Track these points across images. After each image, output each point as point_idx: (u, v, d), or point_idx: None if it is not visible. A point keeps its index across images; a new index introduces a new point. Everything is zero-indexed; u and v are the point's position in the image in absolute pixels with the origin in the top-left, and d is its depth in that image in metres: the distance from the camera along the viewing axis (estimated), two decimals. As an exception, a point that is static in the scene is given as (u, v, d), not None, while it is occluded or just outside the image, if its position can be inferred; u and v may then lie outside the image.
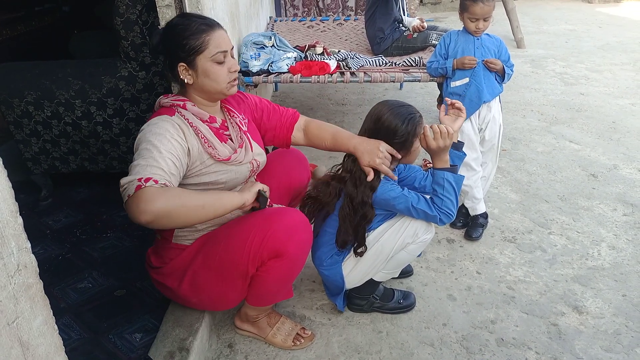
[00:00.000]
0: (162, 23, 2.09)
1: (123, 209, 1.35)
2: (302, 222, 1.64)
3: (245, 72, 2.90)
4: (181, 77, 1.57)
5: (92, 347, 1.76)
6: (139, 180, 1.33)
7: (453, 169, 1.72)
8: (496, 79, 2.43)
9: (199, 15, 1.65)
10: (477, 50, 2.39)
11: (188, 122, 1.56)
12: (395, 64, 3.13)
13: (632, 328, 1.90)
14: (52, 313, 0.90)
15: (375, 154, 1.69)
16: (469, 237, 2.43)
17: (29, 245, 0.85)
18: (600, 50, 5.60)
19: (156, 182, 1.35)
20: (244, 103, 1.85)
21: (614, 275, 2.18)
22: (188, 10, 2.05)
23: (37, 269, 0.88)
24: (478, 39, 2.39)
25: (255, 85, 2.95)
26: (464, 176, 1.76)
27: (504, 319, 1.96)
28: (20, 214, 0.84)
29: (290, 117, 1.91)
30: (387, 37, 3.52)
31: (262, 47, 3.03)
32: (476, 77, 2.40)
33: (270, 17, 4.72)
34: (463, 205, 2.52)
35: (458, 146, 1.84)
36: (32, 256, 0.86)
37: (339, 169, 1.82)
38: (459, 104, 1.83)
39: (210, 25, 1.57)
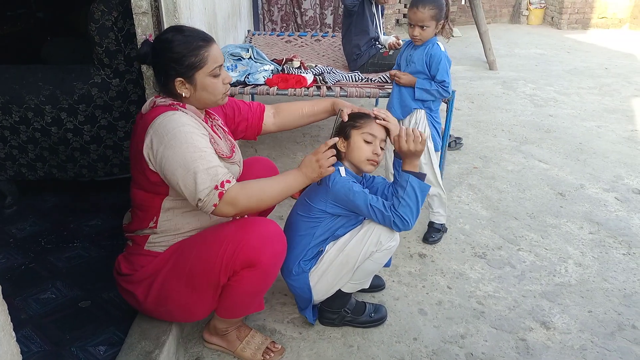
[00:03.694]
0: (139, 30, 2.07)
1: (91, 218, 1.33)
2: (276, 233, 1.63)
3: (222, 83, 2.89)
4: (178, 91, 1.56)
5: None
6: (216, 188, 1.46)
7: (420, 175, 1.72)
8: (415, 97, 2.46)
9: (193, 28, 1.63)
10: (408, 66, 2.46)
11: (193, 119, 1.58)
12: (371, 80, 3.17)
13: (598, 344, 1.93)
14: (9, 319, 0.86)
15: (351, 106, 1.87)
16: None
17: (-14, 247, 0.81)
18: (568, 74, 5.79)
19: (229, 181, 1.49)
20: None
21: (580, 292, 2.22)
22: (165, 18, 2.04)
23: (-4, 273, 0.84)
24: (409, 53, 2.44)
25: (232, 96, 2.94)
26: (429, 186, 1.77)
27: (473, 333, 1.97)
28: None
29: (258, 106, 1.98)
30: (363, 53, 3.57)
31: (240, 59, 3.03)
32: (393, 92, 2.45)
33: (248, 31, 4.73)
34: None
35: (421, 177, 1.78)
36: (-10, 259, 0.83)
37: None
38: (384, 113, 1.82)
39: (207, 40, 1.58)
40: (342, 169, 1.78)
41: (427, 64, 2.39)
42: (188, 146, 1.47)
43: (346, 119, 1.79)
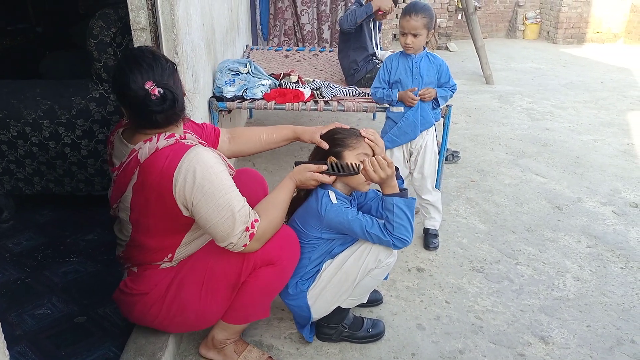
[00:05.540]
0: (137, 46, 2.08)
1: (88, 233, 1.32)
2: (294, 236, 1.72)
3: (219, 98, 2.90)
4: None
5: (47, 376, 1.68)
6: (247, 229, 1.49)
7: (403, 193, 1.71)
8: (434, 107, 2.50)
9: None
10: (415, 80, 2.46)
11: None
12: (368, 94, 3.19)
13: (597, 359, 1.92)
14: (3, 337, 0.86)
15: (315, 129, 1.86)
16: None
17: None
18: (564, 88, 5.83)
19: (257, 220, 1.53)
20: None
21: (578, 306, 2.21)
22: (163, 35, 2.05)
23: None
24: (415, 66, 2.44)
25: (229, 111, 2.95)
26: (414, 199, 1.76)
27: (472, 349, 1.96)
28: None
29: (213, 129, 1.95)
30: (360, 68, 3.59)
31: (237, 74, 3.04)
32: (414, 112, 2.46)
33: (246, 46, 4.76)
34: None
35: (396, 175, 1.76)
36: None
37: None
38: (372, 135, 1.79)
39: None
40: (332, 195, 1.74)
41: (437, 74, 2.48)
42: (221, 189, 1.46)
43: (326, 147, 1.78)
